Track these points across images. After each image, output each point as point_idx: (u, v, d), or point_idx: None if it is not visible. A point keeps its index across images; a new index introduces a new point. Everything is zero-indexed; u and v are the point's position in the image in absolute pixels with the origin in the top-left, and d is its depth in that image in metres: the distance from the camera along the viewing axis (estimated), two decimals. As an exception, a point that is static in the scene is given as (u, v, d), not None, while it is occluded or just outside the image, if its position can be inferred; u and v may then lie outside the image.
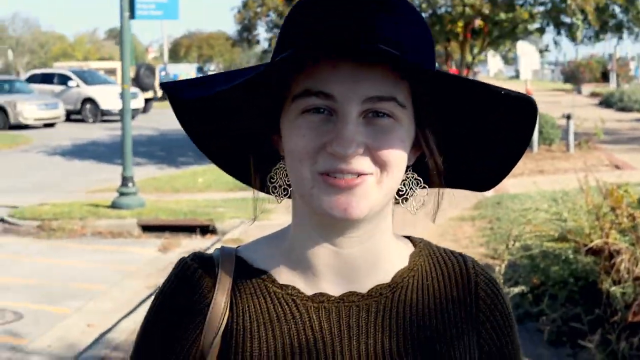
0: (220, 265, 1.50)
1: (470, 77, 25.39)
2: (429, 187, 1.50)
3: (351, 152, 1.33)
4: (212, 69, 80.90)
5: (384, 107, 1.35)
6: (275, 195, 1.51)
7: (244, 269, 1.51)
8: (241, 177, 1.56)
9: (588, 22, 22.50)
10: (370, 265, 1.47)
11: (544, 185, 17.55)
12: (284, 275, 1.49)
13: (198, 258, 1.53)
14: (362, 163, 1.35)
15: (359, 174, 1.36)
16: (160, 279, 10.57)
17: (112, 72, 44.71)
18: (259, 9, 23.34)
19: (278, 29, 23.64)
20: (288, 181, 1.48)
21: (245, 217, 14.71)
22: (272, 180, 1.51)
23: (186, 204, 15.90)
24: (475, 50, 26.44)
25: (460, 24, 23.14)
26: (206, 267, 1.50)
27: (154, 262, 11.83)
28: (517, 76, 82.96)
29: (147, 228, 14.14)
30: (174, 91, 1.41)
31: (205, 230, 14.06)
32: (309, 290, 1.47)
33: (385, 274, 1.50)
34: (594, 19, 22.13)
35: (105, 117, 38.69)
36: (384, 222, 1.48)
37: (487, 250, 11.54)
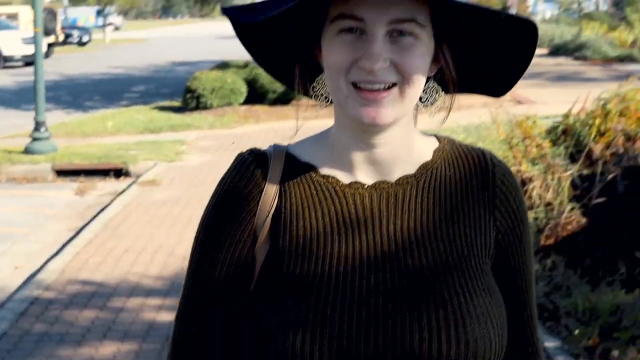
0: (272, 158, 1.75)
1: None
2: (447, 94, 1.75)
3: (378, 66, 1.57)
4: (113, 11, 79.66)
5: (406, 27, 1.58)
6: (319, 102, 1.75)
7: (292, 162, 1.76)
8: (289, 85, 1.79)
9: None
10: (398, 160, 1.71)
11: (449, 121, 17.93)
12: (326, 168, 1.74)
13: (254, 153, 1.77)
14: (387, 75, 1.59)
15: (385, 86, 1.59)
16: (80, 222, 10.70)
17: (13, 17, 43.90)
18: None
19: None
20: (328, 90, 1.72)
21: (158, 159, 14.82)
22: (315, 90, 1.75)
23: (98, 148, 15.92)
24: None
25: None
26: (260, 160, 1.75)
27: (72, 205, 11.93)
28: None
29: (62, 172, 14.18)
30: (233, 15, 1.67)
31: (119, 173, 14.16)
32: (346, 180, 1.72)
33: (411, 166, 1.73)
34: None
35: (8, 64, 38.05)
36: (410, 124, 1.71)
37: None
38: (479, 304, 1.64)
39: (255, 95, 21.87)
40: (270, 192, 1.71)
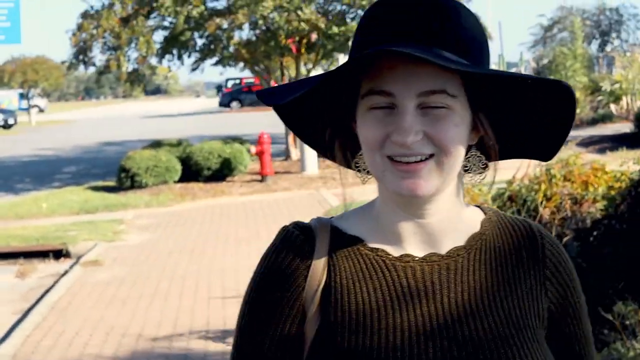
0: (318, 232, 1.72)
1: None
2: (490, 161, 1.72)
3: (409, 140, 1.55)
4: (37, 94, 79.26)
5: (436, 99, 1.56)
6: (361, 177, 1.73)
7: (338, 235, 1.72)
8: (333, 159, 1.77)
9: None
10: (447, 231, 1.68)
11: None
12: (373, 241, 1.70)
13: (299, 226, 1.74)
14: (422, 147, 1.57)
15: (421, 158, 1.57)
16: (25, 304, 10.49)
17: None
18: (94, 31, 23.18)
19: (114, 51, 23.69)
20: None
21: (98, 238, 14.69)
22: (357, 165, 1.72)
23: (35, 230, 15.74)
24: (310, 65, 26.75)
25: (295, 39, 23.47)
26: (306, 233, 1.72)
27: (14, 288, 11.76)
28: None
29: (0, 255, 13.94)
30: (263, 98, 1.66)
31: (59, 254, 13.98)
32: (395, 252, 1.69)
33: (460, 238, 1.71)
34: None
35: None
36: (455, 194, 1.69)
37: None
38: None
39: (190, 173, 21.90)
40: (319, 266, 1.68)
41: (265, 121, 38.10)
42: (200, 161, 21.85)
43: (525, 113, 1.68)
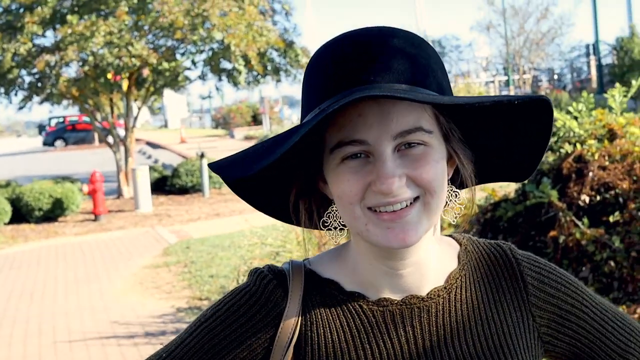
0: (291, 277, 1.63)
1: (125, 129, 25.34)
2: (464, 189, 1.64)
3: (395, 187, 1.44)
4: None
5: (413, 138, 1.47)
6: (331, 237, 1.62)
7: (313, 279, 1.64)
8: (297, 223, 1.67)
9: (249, 68, 23.17)
10: (425, 274, 1.60)
11: (227, 226, 18.02)
12: (350, 284, 1.62)
13: (272, 270, 1.65)
14: (406, 191, 1.47)
15: (407, 203, 1.47)
16: None
17: None
18: None
19: None
20: (342, 222, 1.60)
21: None
22: (325, 224, 1.62)
23: None
24: (139, 102, 26.44)
25: (125, 75, 23.20)
26: (279, 278, 1.63)
27: None
28: (165, 125, 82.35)
29: None
30: (221, 172, 1.53)
31: None
32: (372, 296, 1.60)
33: (439, 278, 1.63)
34: (257, 64, 22.83)
35: None
36: (431, 234, 1.58)
37: (193, 292, 11.74)
38: None
39: (20, 214, 21.40)
40: (291, 314, 1.59)
41: (93, 159, 37.35)
42: (31, 202, 21.33)
43: (500, 134, 1.61)
